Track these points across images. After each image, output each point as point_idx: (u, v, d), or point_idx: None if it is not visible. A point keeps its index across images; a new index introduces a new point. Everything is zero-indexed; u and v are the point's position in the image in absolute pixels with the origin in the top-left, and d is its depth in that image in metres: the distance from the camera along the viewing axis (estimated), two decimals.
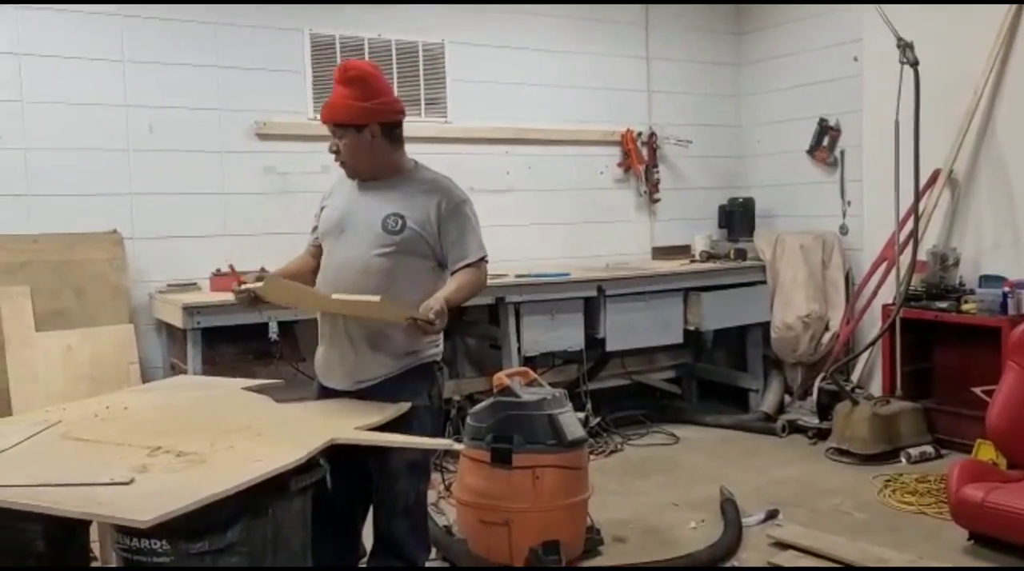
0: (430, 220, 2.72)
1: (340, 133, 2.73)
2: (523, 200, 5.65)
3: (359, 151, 2.74)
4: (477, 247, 2.79)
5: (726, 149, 6.47)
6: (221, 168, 4.75)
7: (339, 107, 2.72)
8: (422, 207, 2.73)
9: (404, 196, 2.76)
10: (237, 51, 4.76)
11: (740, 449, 5.04)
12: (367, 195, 2.81)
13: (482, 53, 5.48)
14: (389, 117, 2.76)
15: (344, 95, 2.72)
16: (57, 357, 4.19)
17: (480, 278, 2.80)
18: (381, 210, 2.74)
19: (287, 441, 2.31)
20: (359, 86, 2.72)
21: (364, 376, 2.77)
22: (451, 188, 2.81)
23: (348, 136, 2.72)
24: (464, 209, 2.79)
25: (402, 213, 2.72)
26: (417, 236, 2.72)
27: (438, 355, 2.88)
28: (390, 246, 2.72)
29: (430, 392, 2.81)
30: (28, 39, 4.27)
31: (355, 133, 2.71)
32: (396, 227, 2.71)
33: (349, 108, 2.71)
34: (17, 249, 4.24)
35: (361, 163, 2.78)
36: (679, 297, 5.34)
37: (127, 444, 2.30)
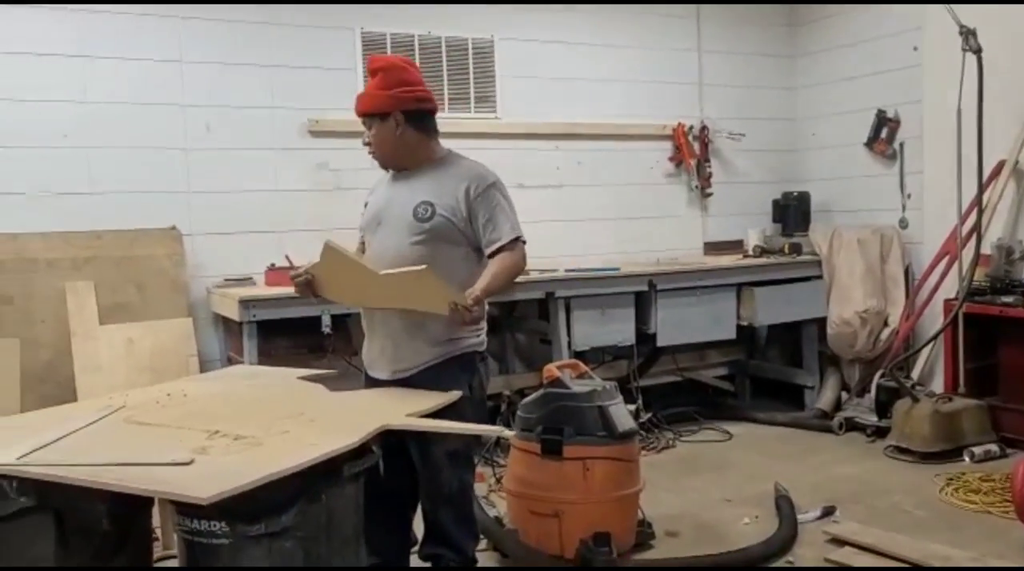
0: (459, 205, 2.74)
1: (368, 123, 2.81)
2: (573, 195, 5.64)
3: (385, 140, 2.80)
4: (510, 228, 2.77)
5: (780, 142, 6.38)
6: (275, 165, 4.83)
7: (364, 97, 2.82)
8: (451, 193, 2.75)
9: (434, 184, 2.79)
10: (290, 50, 4.84)
11: (795, 447, 4.96)
12: (400, 186, 2.86)
13: (531, 48, 5.49)
14: (412, 105, 2.78)
15: (369, 86, 2.84)
16: (119, 349, 4.30)
17: (517, 261, 2.78)
18: (412, 199, 2.78)
19: (341, 427, 2.35)
20: (381, 76, 2.80)
21: (402, 365, 2.81)
22: (480, 171, 2.82)
23: (375, 126, 2.79)
24: (493, 190, 2.79)
25: (432, 201, 2.75)
26: (447, 223, 2.74)
27: (480, 345, 2.89)
28: (422, 234, 2.75)
29: (471, 382, 2.82)
30: (91, 41, 4.39)
31: (380, 122, 2.78)
32: (426, 215, 2.75)
33: (372, 97, 2.79)
34: (82, 245, 4.37)
35: (388, 153, 2.83)
36: (732, 292, 5.27)
37: (187, 428, 2.36)
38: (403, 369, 2.81)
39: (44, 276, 4.28)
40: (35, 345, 4.20)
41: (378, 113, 2.77)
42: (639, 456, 3.51)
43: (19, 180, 4.28)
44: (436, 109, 2.89)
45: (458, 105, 5.25)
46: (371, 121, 2.80)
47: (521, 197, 5.30)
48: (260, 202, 4.78)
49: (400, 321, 2.79)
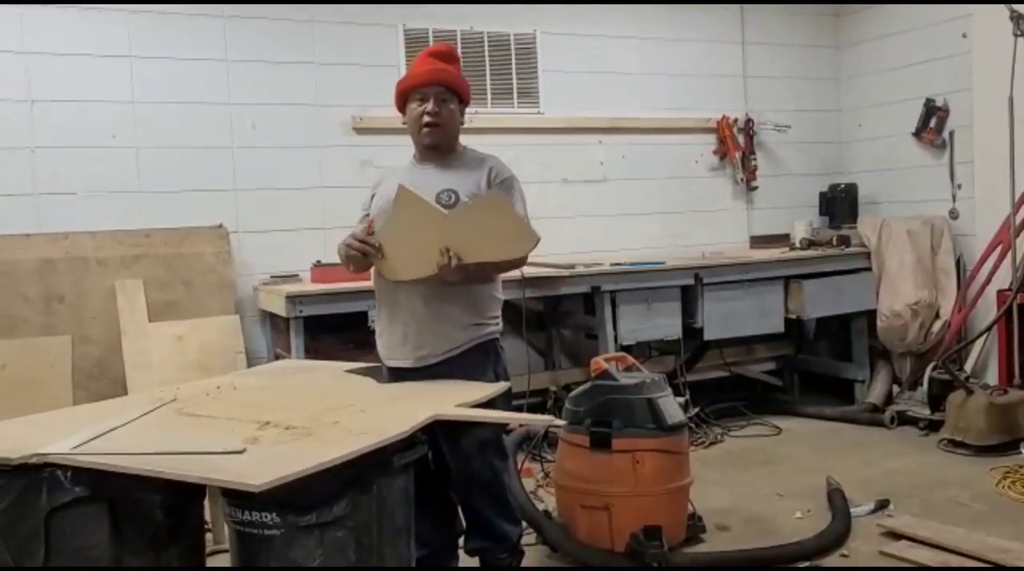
0: (481, 191, 2.79)
1: (447, 97, 2.84)
2: (617, 189, 5.60)
3: (454, 121, 2.89)
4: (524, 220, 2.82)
5: (826, 134, 6.28)
6: (319, 162, 4.86)
7: (452, 75, 2.87)
8: (474, 181, 2.83)
9: (456, 173, 2.85)
10: (333, 48, 4.87)
11: (846, 441, 4.87)
12: (421, 174, 2.87)
13: (574, 42, 5.46)
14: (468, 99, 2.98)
15: (452, 68, 2.89)
16: (168, 346, 4.35)
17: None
18: (434, 187, 2.80)
19: (391, 418, 2.34)
20: (458, 65, 2.96)
21: (425, 351, 2.81)
22: (500, 163, 2.91)
23: (453, 103, 2.87)
24: (513, 182, 2.89)
25: (455, 188, 2.79)
26: None
27: (499, 331, 2.93)
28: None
29: (495, 369, 2.87)
30: (139, 42, 4.46)
31: (458, 103, 2.89)
32: (450, 201, 2.77)
33: (460, 80, 2.90)
34: (131, 243, 4.43)
35: (451, 133, 2.90)
36: (779, 285, 5.19)
37: (237, 419, 2.36)
38: (427, 355, 2.81)
39: (95, 274, 4.35)
40: (86, 342, 4.27)
41: (462, 97, 2.91)
42: (689, 449, 3.46)
43: (70, 179, 4.36)
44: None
45: (501, 100, 5.24)
46: (450, 96, 2.86)
47: (565, 192, 5.42)
48: (305, 199, 4.81)
49: (424, 304, 2.79)
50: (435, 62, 2.87)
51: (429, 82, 2.83)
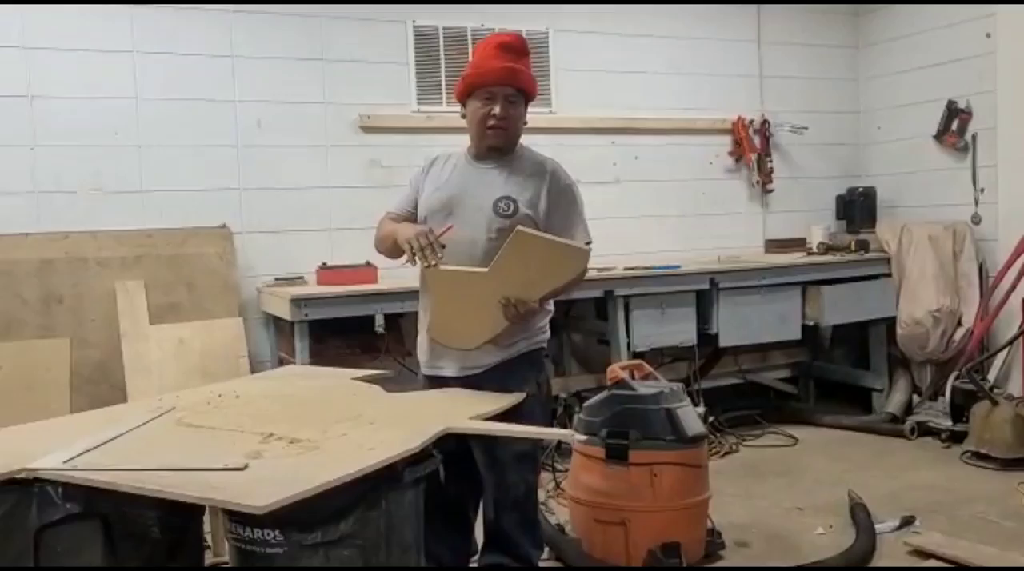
0: (540, 201, 2.66)
1: (516, 100, 2.67)
2: (630, 191, 5.47)
3: (520, 123, 2.73)
4: (583, 230, 2.70)
5: (844, 136, 6.14)
6: (326, 162, 4.74)
7: (525, 75, 2.68)
8: (533, 188, 2.67)
9: (515, 178, 2.69)
10: (341, 44, 4.74)
11: (866, 452, 4.73)
12: (478, 175, 2.72)
13: (587, 41, 5.33)
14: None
15: (524, 66, 2.67)
16: (170, 350, 4.24)
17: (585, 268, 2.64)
18: (492, 193, 2.67)
19: (401, 430, 2.22)
20: (529, 60, 2.72)
21: (473, 362, 2.68)
22: (561, 169, 2.76)
23: (521, 106, 2.70)
24: (573, 191, 2.74)
25: (514, 196, 2.64)
26: (527, 219, 2.62)
27: (546, 341, 2.80)
28: (497, 231, 2.62)
29: (539, 380, 2.73)
30: (142, 37, 4.34)
31: (524, 105, 2.72)
32: (508, 210, 2.64)
33: (531, 80, 2.71)
34: (133, 243, 4.31)
35: (516, 136, 2.74)
36: (797, 291, 5.05)
37: (240, 430, 2.25)
38: (474, 366, 2.68)
39: (95, 275, 4.23)
40: (85, 345, 4.15)
41: (530, 98, 2.73)
42: (708, 462, 3.33)
43: (70, 178, 4.24)
44: None
45: None
46: (519, 98, 2.68)
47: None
48: (311, 200, 4.69)
49: None
50: (507, 59, 2.63)
51: (500, 82, 2.63)
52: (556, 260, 2.49)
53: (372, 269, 4.44)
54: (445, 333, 2.67)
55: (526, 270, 2.46)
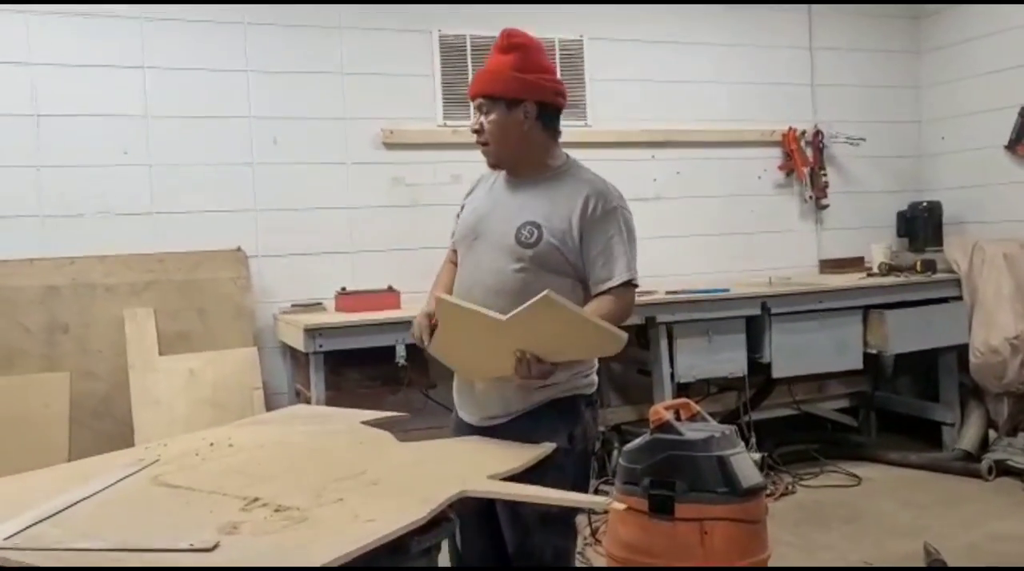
0: (572, 228, 2.25)
1: (488, 107, 2.28)
2: (672, 209, 5.11)
3: (507, 132, 2.28)
4: (624, 266, 2.25)
5: (904, 147, 5.72)
6: (347, 180, 4.46)
7: (492, 75, 2.30)
8: (564, 214, 2.25)
9: (547, 200, 2.29)
10: (362, 56, 4.47)
11: (939, 495, 4.29)
12: (507, 195, 2.37)
13: (624, 49, 5.00)
14: (549, 97, 2.32)
15: (501, 63, 2.30)
16: (180, 382, 3.96)
17: (623, 308, 2.26)
18: (518, 217, 2.29)
19: (408, 492, 1.88)
20: (521, 54, 2.30)
21: (492, 411, 2.34)
22: (604, 191, 2.31)
23: (497, 112, 2.27)
24: (616, 217, 2.28)
25: (539, 222, 2.26)
26: (553, 250, 2.25)
27: (588, 388, 2.38)
28: (523, 261, 2.26)
29: (572, 432, 2.31)
30: (151, 52, 4.11)
31: (505, 109, 2.26)
32: (531, 239, 2.25)
33: (504, 77, 2.27)
34: (142, 268, 4.07)
35: (506, 148, 2.31)
36: (857, 316, 4.64)
37: (221, 493, 1.92)
38: (492, 416, 2.34)
39: (102, 302, 3.99)
40: (91, 377, 3.90)
41: (508, 98, 2.26)
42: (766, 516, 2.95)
43: (77, 200, 4.01)
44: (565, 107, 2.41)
45: None
46: (493, 105, 2.27)
47: None
48: (331, 221, 4.41)
49: None
50: (492, 59, 2.34)
51: (471, 92, 2.34)
52: (585, 336, 2.11)
53: (395, 294, 4.15)
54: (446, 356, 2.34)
55: (548, 334, 2.10)
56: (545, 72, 2.34)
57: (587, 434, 2.36)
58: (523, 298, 2.14)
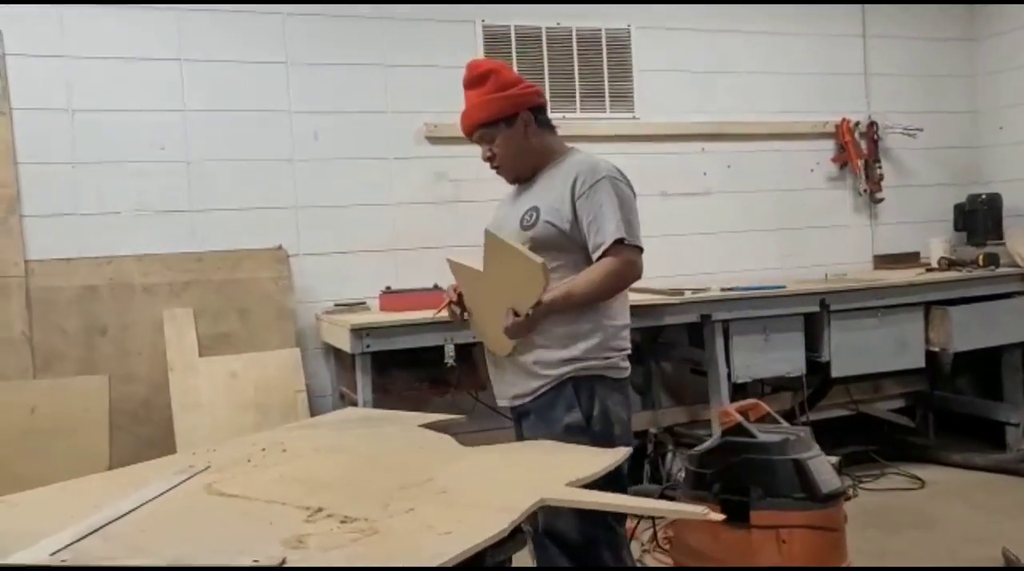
0: (564, 207, 2.37)
1: (490, 135, 2.46)
2: (722, 203, 4.94)
3: (516, 147, 2.45)
4: (614, 227, 2.31)
5: (960, 138, 5.51)
6: (389, 176, 4.33)
7: (480, 107, 2.45)
8: (557, 194, 2.39)
9: (546, 186, 2.45)
10: (405, 47, 4.34)
11: (1010, 498, 4.09)
12: (519, 195, 2.52)
13: (672, 38, 4.84)
14: (535, 100, 2.49)
15: (480, 94, 2.46)
16: (221, 384, 3.85)
17: (617, 268, 2.32)
18: (524, 205, 2.45)
19: (481, 501, 1.75)
20: (492, 79, 2.45)
21: (518, 391, 2.43)
22: (590, 164, 2.41)
23: (500, 135, 2.44)
24: (602, 185, 2.35)
25: (538, 205, 2.40)
26: (550, 229, 2.36)
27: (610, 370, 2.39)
28: (526, 244, 2.34)
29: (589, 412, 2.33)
30: (188, 43, 4.00)
31: (507, 128, 2.44)
32: (530, 222, 2.38)
33: (491, 103, 2.43)
34: (181, 268, 3.96)
35: (523, 160, 2.48)
36: (919, 313, 4.45)
37: (280, 502, 1.80)
38: (519, 396, 2.43)
39: (140, 303, 3.89)
40: (130, 380, 3.80)
41: (504, 117, 2.43)
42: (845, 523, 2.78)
43: (113, 198, 3.91)
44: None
45: (591, 104, 4.65)
46: (493, 131, 2.45)
47: (664, 207, 4.75)
48: (373, 218, 4.28)
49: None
50: (468, 96, 2.50)
51: (463, 131, 2.54)
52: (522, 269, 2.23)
53: (440, 293, 3.99)
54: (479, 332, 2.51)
55: (507, 277, 2.28)
56: (519, 83, 2.48)
57: (608, 417, 2.37)
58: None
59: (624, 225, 2.31)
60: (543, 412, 2.36)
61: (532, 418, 2.40)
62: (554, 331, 2.34)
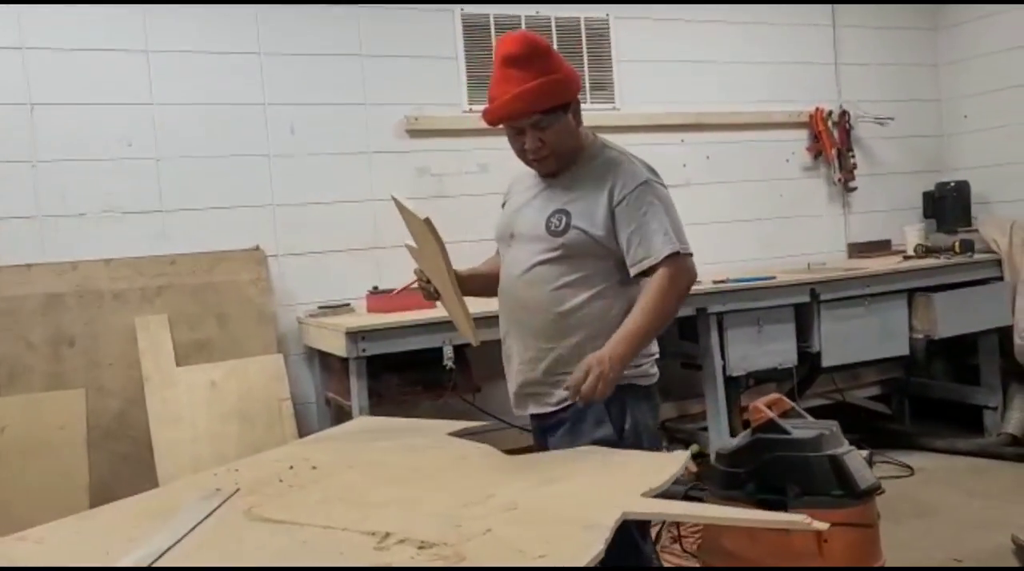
0: (598, 213, 2.17)
1: (547, 123, 2.15)
2: (702, 195, 4.89)
3: (569, 136, 2.21)
4: (662, 239, 2.14)
5: (925, 127, 5.57)
6: (369, 171, 4.15)
7: (541, 90, 2.11)
8: (591, 198, 2.19)
9: (575, 185, 2.22)
10: (382, 37, 4.17)
11: (1001, 482, 4.13)
12: (541, 189, 2.29)
13: (651, 28, 4.76)
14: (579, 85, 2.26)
15: (535, 73, 2.12)
16: (200, 395, 3.63)
17: (676, 283, 2.14)
18: (548, 206, 2.24)
19: (559, 518, 1.63)
20: (544, 57, 2.16)
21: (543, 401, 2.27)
22: (629, 168, 2.21)
23: (557, 122, 2.16)
24: (645, 192, 2.18)
25: (567, 208, 2.20)
26: (583, 238, 2.17)
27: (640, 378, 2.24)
28: (554, 251, 2.19)
29: (622, 425, 2.18)
30: (156, 34, 3.76)
31: (563, 115, 2.18)
32: (559, 227, 2.19)
33: (554, 87, 2.13)
34: (153, 272, 3.72)
35: (567, 152, 2.23)
36: (902, 300, 4.47)
37: (339, 527, 1.64)
38: (545, 405, 2.26)
39: (110, 311, 3.64)
40: (102, 394, 3.56)
41: (564, 103, 2.17)
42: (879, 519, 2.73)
43: (78, 198, 3.65)
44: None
45: None
46: (551, 118, 2.15)
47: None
48: (353, 215, 4.10)
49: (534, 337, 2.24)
50: (514, 79, 2.13)
51: (513, 116, 2.16)
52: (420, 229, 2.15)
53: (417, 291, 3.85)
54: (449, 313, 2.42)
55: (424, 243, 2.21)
56: (566, 63, 2.23)
57: (638, 429, 2.23)
58: (554, 290, 2.18)
59: (674, 234, 2.16)
60: (571, 425, 2.21)
61: (559, 432, 2.23)
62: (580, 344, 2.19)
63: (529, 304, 2.24)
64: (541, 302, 2.21)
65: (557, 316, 2.20)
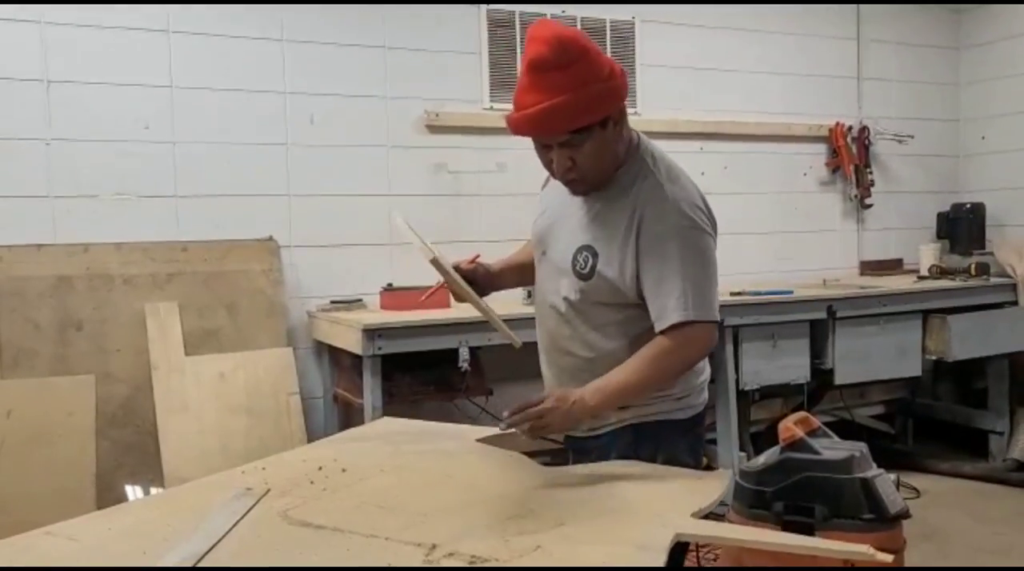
0: (627, 261, 1.90)
1: (580, 141, 1.84)
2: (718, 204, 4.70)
3: (605, 152, 1.89)
4: (674, 303, 1.85)
5: (943, 147, 5.55)
6: (387, 165, 4.09)
7: (568, 109, 1.78)
8: (620, 237, 1.90)
9: (606, 214, 1.94)
10: (406, 30, 4.11)
11: (1008, 507, 4.12)
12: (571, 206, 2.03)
13: (676, 33, 4.72)
14: (625, 92, 1.92)
15: (564, 85, 1.77)
16: (208, 386, 3.56)
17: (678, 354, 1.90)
18: (577, 236, 1.99)
19: (610, 538, 1.58)
20: (579, 61, 1.79)
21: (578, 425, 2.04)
22: (663, 206, 1.90)
23: (591, 140, 1.84)
24: (673, 238, 1.88)
25: (595, 246, 1.94)
26: (606, 283, 1.93)
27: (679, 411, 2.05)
28: (582, 292, 1.97)
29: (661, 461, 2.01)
30: (179, 15, 3.68)
31: (601, 131, 1.85)
32: (585, 269, 1.95)
33: (588, 102, 1.79)
34: (165, 259, 3.64)
35: (604, 169, 1.92)
36: (917, 320, 4.44)
37: (382, 536, 1.58)
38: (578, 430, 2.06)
39: (120, 296, 3.56)
40: (109, 380, 3.48)
41: (603, 118, 1.84)
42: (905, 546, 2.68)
43: (91, 180, 3.57)
44: None
45: None
46: (586, 135, 1.83)
47: None
48: (371, 209, 4.03)
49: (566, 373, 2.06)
50: (537, 88, 1.80)
51: (539, 132, 1.86)
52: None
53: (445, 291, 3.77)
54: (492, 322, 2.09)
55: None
56: (611, 65, 1.87)
57: (678, 461, 2.04)
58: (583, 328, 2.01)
59: (692, 297, 1.86)
60: (599, 455, 2.03)
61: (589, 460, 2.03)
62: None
63: (559, 342, 2.06)
64: (570, 346, 2.04)
65: (585, 362, 2.01)
